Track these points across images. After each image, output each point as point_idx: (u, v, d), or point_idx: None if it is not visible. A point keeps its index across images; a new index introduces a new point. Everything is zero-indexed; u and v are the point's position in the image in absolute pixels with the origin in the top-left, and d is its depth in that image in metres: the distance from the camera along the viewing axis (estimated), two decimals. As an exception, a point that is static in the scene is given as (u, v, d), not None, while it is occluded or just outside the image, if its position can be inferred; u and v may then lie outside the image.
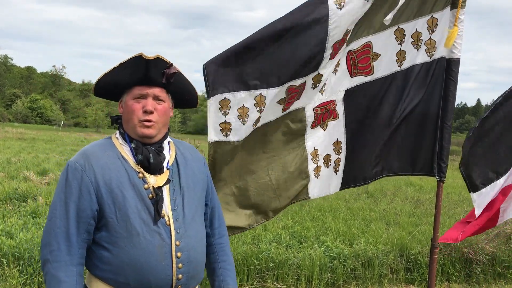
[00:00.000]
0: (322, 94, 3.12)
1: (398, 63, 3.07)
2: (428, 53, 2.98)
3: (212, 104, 2.83)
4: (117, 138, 2.11)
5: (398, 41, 3.05)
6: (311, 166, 3.23)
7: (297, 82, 2.90)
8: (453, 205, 10.08)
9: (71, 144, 27.03)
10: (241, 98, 2.82)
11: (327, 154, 3.26)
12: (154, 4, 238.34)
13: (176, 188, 2.10)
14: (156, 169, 2.04)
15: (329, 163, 3.26)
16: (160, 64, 2.01)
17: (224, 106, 2.83)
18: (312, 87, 2.99)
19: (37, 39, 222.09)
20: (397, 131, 3.15)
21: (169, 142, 2.19)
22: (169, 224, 2.01)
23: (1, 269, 4.77)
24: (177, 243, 2.01)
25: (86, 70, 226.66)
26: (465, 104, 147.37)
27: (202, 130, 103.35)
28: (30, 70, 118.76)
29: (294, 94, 2.97)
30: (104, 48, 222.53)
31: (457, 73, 2.96)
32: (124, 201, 1.95)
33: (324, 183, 3.28)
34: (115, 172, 1.98)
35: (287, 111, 3.04)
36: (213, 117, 2.88)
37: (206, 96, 2.84)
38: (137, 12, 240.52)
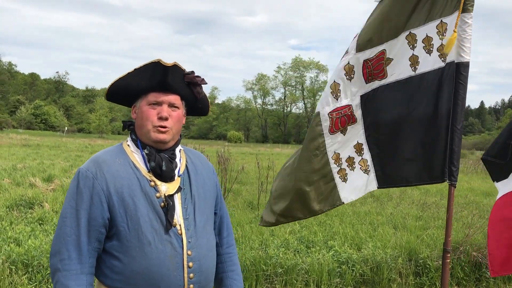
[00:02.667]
0: (337, 100, 3.32)
1: (412, 68, 3.09)
2: (442, 58, 2.98)
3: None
4: (128, 145, 2.09)
5: (411, 46, 3.07)
6: (335, 169, 3.42)
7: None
8: (460, 208, 10.02)
9: (76, 150, 27.09)
10: None
11: (349, 157, 3.40)
12: (154, 10, 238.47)
13: (188, 196, 2.08)
14: (168, 177, 2.03)
15: (354, 165, 3.39)
16: (177, 71, 2.00)
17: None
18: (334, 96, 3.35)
19: (41, 45, 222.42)
20: (412, 136, 3.14)
21: (180, 149, 2.17)
22: (181, 233, 1.99)
23: (10, 277, 4.76)
24: (189, 252, 1.99)
25: (89, 76, 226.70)
26: (468, 106, 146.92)
27: (205, 135, 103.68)
28: (33, 76, 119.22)
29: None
30: (105, 54, 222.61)
31: (466, 77, 2.95)
32: (135, 210, 1.93)
33: (355, 186, 3.43)
34: (127, 180, 1.96)
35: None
36: None
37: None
38: (137, 18, 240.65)
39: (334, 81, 3.32)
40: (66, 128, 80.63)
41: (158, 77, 1.97)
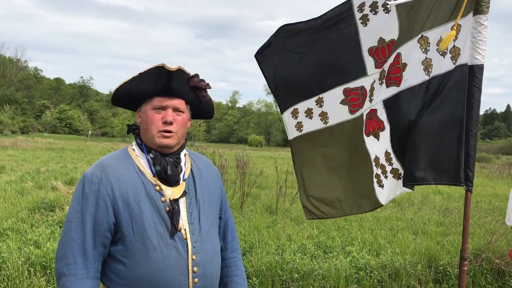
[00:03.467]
0: (370, 102, 3.36)
1: (426, 72, 3.01)
2: (454, 61, 2.91)
3: (286, 115, 3.76)
4: (133, 149, 2.09)
5: (423, 50, 2.99)
6: (374, 171, 3.47)
7: (351, 84, 3.45)
8: (483, 214, 9.79)
9: (99, 154, 27.48)
10: (305, 104, 3.65)
11: (382, 165, 3.40)
12: (176, 15, 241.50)
13: (192, 200, 2.07)
14: (173, 181, 2.02)
15: (387, 174, 3.38)
16: (181, 75, 1.99)
17: (294, 113, 3.73)
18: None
19: (65, 51, 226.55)
20: (426, 139, 3.08)
21: (185, 154, 2.17)
22: (186, 238, 1.98)
23: (29, 278, 4.83)
24: (194, 257, 1.98)
25: (113, 81, 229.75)
26: (494, 110, 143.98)
27: (226, 139, 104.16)
28: (59, 81, 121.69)
29: (356, 97, 3.48)
30: (128, 59, 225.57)
31: (481, 80, 2.87)
32: (141, 215, 1.92)
33: (390, 191, 3.42)
34: (132, 185, 1.95)
35: (356, 114, 3.50)
36: (290, 123, 3.77)
37: (279, 111, 3.80)
38: (160, 23, 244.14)
39: (372, 85, 3.32)
40: (90, 132, 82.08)
41: (163, 82, 1.97)
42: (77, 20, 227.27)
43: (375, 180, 3.46)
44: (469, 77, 2.84)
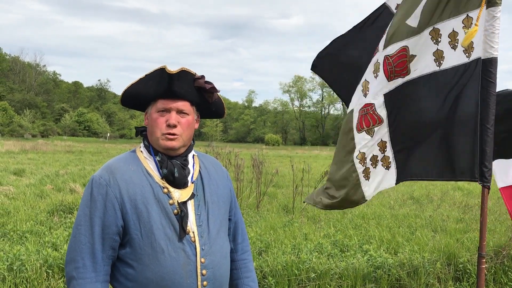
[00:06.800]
0: (365, 96, 3.29)
1: (437, 63, 2.98)
2: (467, 54, 2.85)
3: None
4: (141, 151, 2.08)
5: (434, 41, 2.96)
6: (360, 169, 3.36)
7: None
8: (505, 210, 9.58)
9: (117, 155, 27.71)
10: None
11: (373, 155, 3.34)
12: (191, 16, 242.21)
13: (201, 203, 2.06)
14: (180, 183, 2.00)
15: (377, 163, 3.33)
16: (185, 76, 1.97)
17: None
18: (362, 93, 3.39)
19: (83, 54, 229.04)
20: (438, 133, 3.05)
21: (193, 155, 2.15)
22: (194, 241, 1.97)
23: (47, 280, 4.88)
24: (202, 260, 1.96)
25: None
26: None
27: (243, 138, 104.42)
28: (77, 85, 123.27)
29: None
30: (144, 61, 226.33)
31: (495, 74, 2.81)
32: (148, 217, 1.91)
33: (376, 182, 3.38)
34: (140, 187, 1.95)
35: (348, 109, 3.54)
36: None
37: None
38: (175, 25, 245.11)
39: (365, 79, 3.28)
40: (108, 134, 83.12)
41: (164, 85, 1.95)
42: (93, 23, 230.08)
43: (362, 175, 3.38)
44: (483, 71, 2.78)
